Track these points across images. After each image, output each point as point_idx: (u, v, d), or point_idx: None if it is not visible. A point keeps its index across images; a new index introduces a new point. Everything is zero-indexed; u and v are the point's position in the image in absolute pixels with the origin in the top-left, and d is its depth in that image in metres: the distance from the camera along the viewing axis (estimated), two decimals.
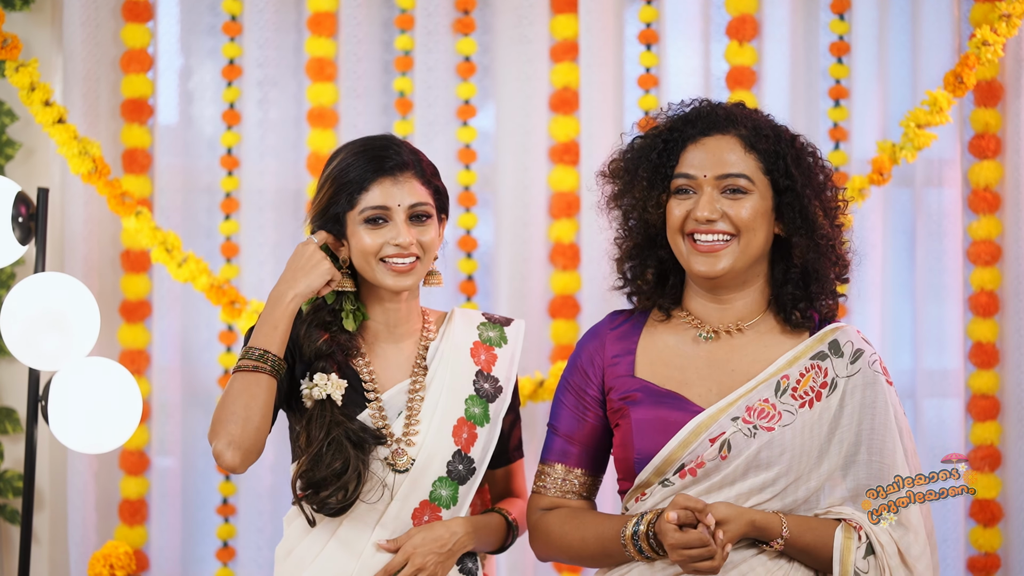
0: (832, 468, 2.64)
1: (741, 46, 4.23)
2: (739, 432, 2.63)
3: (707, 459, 2.64)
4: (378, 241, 2.78)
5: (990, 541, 4.21)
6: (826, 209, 2.72)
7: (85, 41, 4.26)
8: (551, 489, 2.83)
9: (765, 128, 2.72)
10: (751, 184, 2.69)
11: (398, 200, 2.79)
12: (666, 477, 2.67)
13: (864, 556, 2.58)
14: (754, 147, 2.70)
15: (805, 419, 2.64)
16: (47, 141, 4.25)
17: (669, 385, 2.72)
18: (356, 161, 2.80)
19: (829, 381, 2.67)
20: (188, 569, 4.37)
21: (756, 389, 2.67)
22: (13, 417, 4.29)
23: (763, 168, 2.70)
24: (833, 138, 4.24)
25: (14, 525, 4.26)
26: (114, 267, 4.33)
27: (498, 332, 2.95)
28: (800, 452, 2.62)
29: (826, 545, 2.60)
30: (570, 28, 4.26)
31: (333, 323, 2.85)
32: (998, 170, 4.22)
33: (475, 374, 2.89)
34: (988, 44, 3.98)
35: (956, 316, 4.25)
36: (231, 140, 4.32)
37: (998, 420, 4.23)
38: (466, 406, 2.87)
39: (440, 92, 4.29)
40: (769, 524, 2.60)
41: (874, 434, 2.64)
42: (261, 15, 4.30)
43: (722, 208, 2.68)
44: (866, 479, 2.63)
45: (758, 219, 2.69)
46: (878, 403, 2.66)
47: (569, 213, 4.24)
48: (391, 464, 2.82)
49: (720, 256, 2.69)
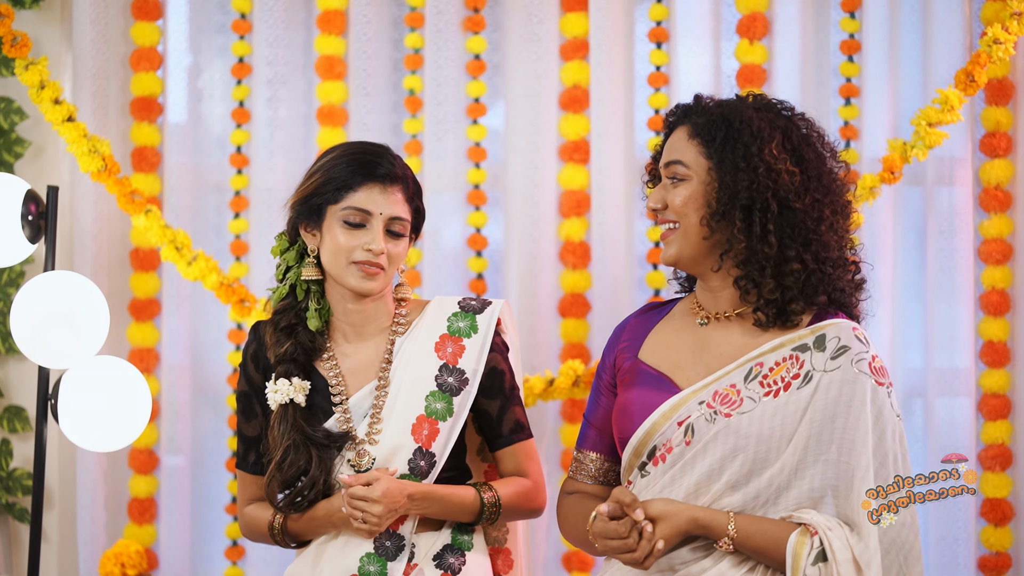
0: (795, 459, 2.60)
1: (752, 44, 4.22)
2: (702, 417, 2.64)
3: (674, 443, 2.65)
4: (352, 243, 2.83)
5: (1001, 540, 4.20)
6: (765, 189, 2.64)
7: (95, 39, 4.26)
8: (581, 475, 2.87)
9: (717, 116, 2.71)
10: (686, 170, 2.70)
11: (381, 208, 2.83)
12: (643, 461, 2.69)
13: (814, 563, 2.56)
14: (698, 133, 2.71)
15: (767, 408, 2.62)
16: (56, 139, 4.25)
17: (663, 367, 2.74)
18: (351, 160, 2.85)
19: (803, 373, 2.64)
20: (197, 567, 4.37)
21: (729, 374, 2.66)
22: (22, 415, 4.29)
23: (704, 152, 2.70)
24: (844, 136, 4.23)
25: (23, 523, 4.26)
26: (123, 265, 4.33)
27: (469, 322, 2.95)
28: (759, 439, 2.60)
29: (778, 548, 2.57)
30: (580, 26, 4.26)
31: (298, 324, 2.90)
32: (1009, 168, 4.21)
33: (439, 368, 2.90)
34: (999, 42, 3.97)
35: (967, 315, 4.24)
36: (240, 138, 4.31)
37: (1009, 419, 4.22)
38: (427, 403, 2.88)
39: (450, 90, 4.29)
40: (714, 521, 2.58)
41: (845, 433, 2.60)
42: (271, 13, 4.30)
43: (666, 196, 2.73)
44: (833, 479, 2.59)
45: (688, 204, 2.69)
46: (855, 402, 2.61)
47: (579, 211, 4.24)
48: (354, 465, 2.86)
49: (668, 243, 2.74)
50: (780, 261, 2.66)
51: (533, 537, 4.18)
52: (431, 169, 4.29)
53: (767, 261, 2.65)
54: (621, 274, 4.21)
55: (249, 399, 2.95)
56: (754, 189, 2.64)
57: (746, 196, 2.64)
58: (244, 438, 2.97)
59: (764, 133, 2.67)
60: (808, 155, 2.70)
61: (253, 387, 2.94)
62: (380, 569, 2.82)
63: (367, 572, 2.82)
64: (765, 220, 2.65)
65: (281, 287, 2.93)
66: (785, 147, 2.68)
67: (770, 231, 2.64)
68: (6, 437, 4.30)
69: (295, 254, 2.92)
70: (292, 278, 2.91)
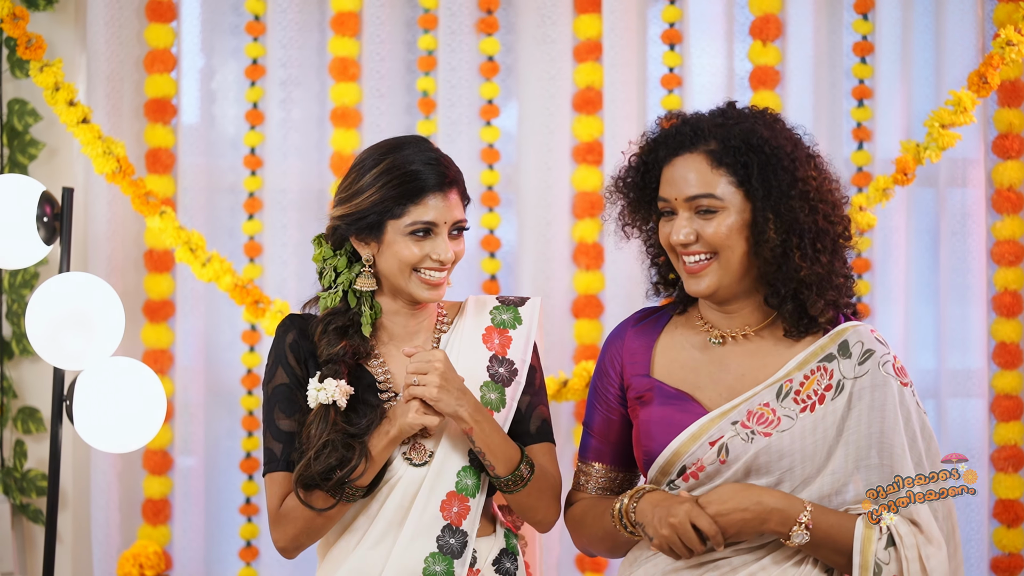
0: (841, 469, 2.61)
1: (764, 46, 4.23)
2: (737, 437, 2.62)
3: (707, 463, 2.64)
4: (421, 254, 2.80)
5: (1013, 541, 4.21)
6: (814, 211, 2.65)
7: (109, 41, 4.27)
8: (589, 487, 2.86)
9: (735, 139, 2.65)
10: (719, 202, 2.64)
11: (446, 217, 2.81)
12: (671, 478, 2.68)
13: (886, 547, 2.56)
14: (722, 162, 2.65)
15: (806, 423, 2.62)
16: (71, 141, 4.26)
17: (682, 386, 2.73)
18: (406, 175, 2.79)
19: (835, 383, 2.64)
20: (211, 568, 4.38)
21: (759, 394, 2.65)
22: (37, 417, 4.30)
23: (735, 182, 2.64)
24: (857, 138, 4.23)
25: (38, 525, 4.27)
26: (138, 267, 4.34)
27: (512, 314, 2.95)
28: (802, 456, 2.61)
29: (843, 534, 2.57)
30: (593, 28, 4.26)
31: (351, 327, 2.86)
32: (1022, 170, 4.22)
33: (489, 359, 2.90)
34: (1012, 44, 3.98)
35: (980, 316, 4.25)
36: (254, 140, 4.32)
37: (1022, 420, 4.23)
38: (481, 393, 2.87)
39: (463, 92, 4.29)
40: (790, 506, 2.56)
41: (884, 437, 2.61)
42: (284, 15, 4.30)
43: (697, 228, 2.65)
44: (878, 481, 2.61)
45: (732, 236, 2.64)
46: (888, 405, 2.62)
47: (592, 213, 4.24)
48: (408, 459, 2.82)
49: (702, 276, 2.67)
50: (824, 279, 2.66)
51: (546, 539, 4.18)
52: None
53: (815, 280, 2.65)
54: (634, 275, 4.21)
55: (291, 391, 2.85)
56: (804, 214, 2.62)
57: (799, 222, 2.62)
58: (281, 435, 2.84)
59: (796, 154, 2.65)
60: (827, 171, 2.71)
61: (294, 379, 2.85)
62: (447, 568, 2.79)
63: (433, 572, 2.79)
64: (816, 241, 2.64)
65: (333, 294, 2.87)
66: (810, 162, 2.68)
67: (820, 251, 2.64)
68: (21, 438, 4.31)
69: (344, 260, 2.88)
70: (344, 284, 2.87)
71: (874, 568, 2.55)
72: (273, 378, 2.87)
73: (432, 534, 2.80)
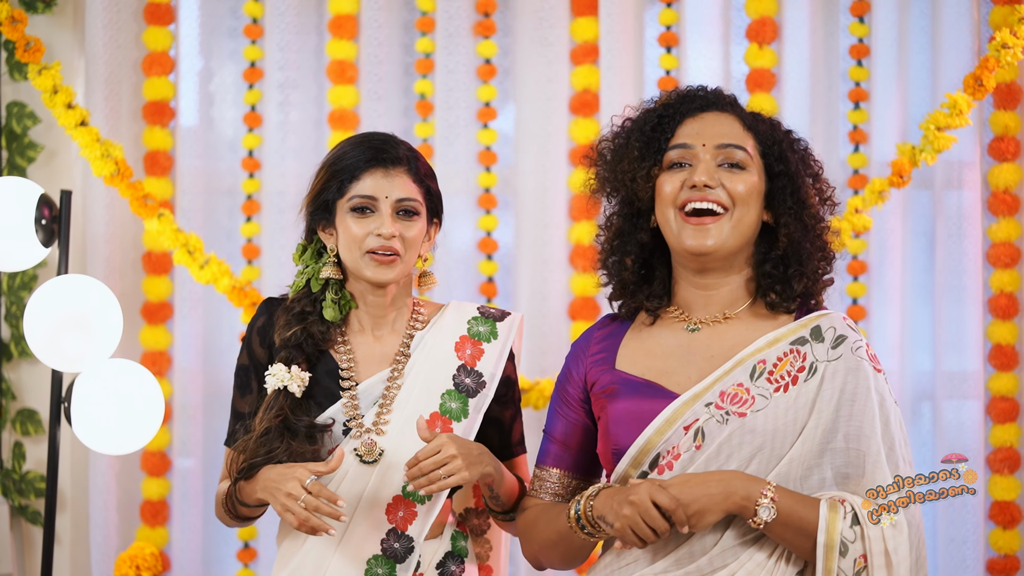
0: (810, 449, 2.58)
1: (761, 49, 4.24)
2: (712, 419, 2.58)
3: (682, 449, 2.59)
4: (363, 231, 2.79)
5: (1009, 543, 4.22)
6: (820, 196, 2.70)
7: (107, 44, 4.28)
8: (542, 492, 2.79)
9: (758, 117, 2.71)
10: (749, 159, 2.65)
11: (386, 192, 2.80)
12: (643, 470, 2.62)
13: (851, 525, 2.54)
14: (752, 128, 2.68)
15: (779, 404, 2.58)
16: (69, 143, 4.27)
17: (648, 375, 2.68)
18: (351, 151, 2.82)
19: (807, 365, 2.61)
20: (209, 570, 4.39)
21: (731, 373, 2.61)
22: (35, 418, 4.31)
23: (760, 150, 2.67)
24: (853, 140, 4.24)
25: (36, 526, 4.28)
26: (136, 269, 4.35)
27: (489, 327, 2.93)
28: (773, 435, 2.56)
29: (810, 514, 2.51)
30: (590, 31, 4.27)
31: (312, 313, 2.86)
32: (1017, 172, 4.23)
33: (457, 368, 2.87)
34: (1008, 47, 3.99)
35: (975, 318, 4.26)
36: (252, 142, 4.33)
37: (1017, 422, 4.24)
38: (442, 400, 2.84)
39: (461, 94, 4.30)
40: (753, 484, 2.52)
41: (852, 421, 2.58)
42: (282, 18, 4.31)
43: (720, 179, 2.64)
44: (843, 466, 2.58)
45: (753, 196, 2.64)
46: (859, 390, 2.59)
47: (589, 215, 4.25)
48: (359, 455, 2.79)
49: (710, 231, 2.63)
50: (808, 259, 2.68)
51: None
52: (442, 173, 4.23)
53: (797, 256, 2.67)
54: None
55: (247, 373, 2.88)
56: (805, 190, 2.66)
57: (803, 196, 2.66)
58: (236, 414, 2.87)
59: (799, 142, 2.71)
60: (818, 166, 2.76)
61: (254, 361, 2.87)
62: (389, 571, 2.76)
63: (375, 574, 2.76)
64: (813, 220, 2.67)
65: (297, 281, 2.89)
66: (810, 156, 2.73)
67: (815, 231, 2.67)
68: (19, 440, 4.32)
69: (311, 253, 2.90)
70: (309, 273, 2.88)
71: (840, 547, 2.53)
72: (239, 357, 2.90)
73: (377, 536, 2.77)
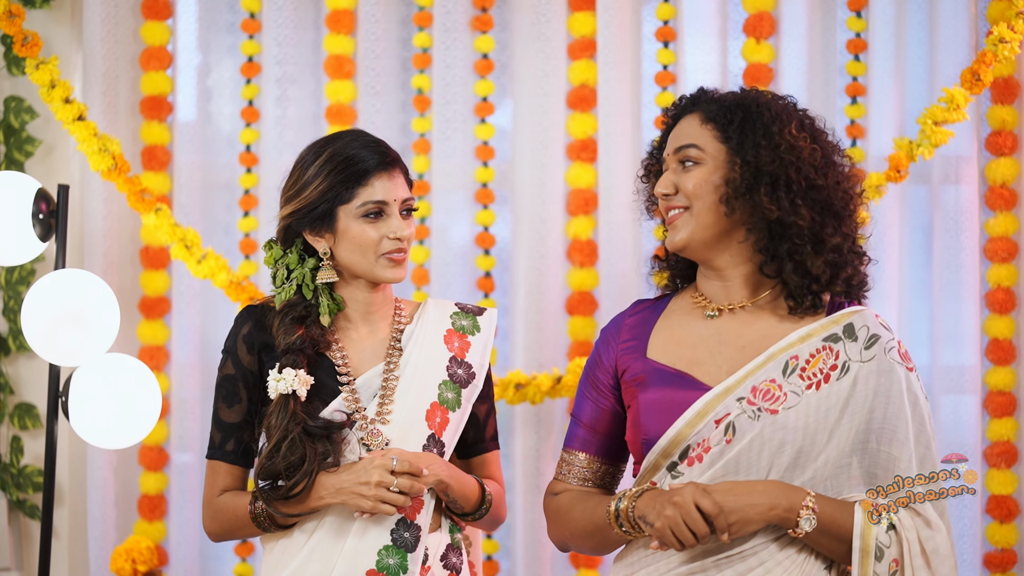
0: (841, 450, 2.58)
1: (758, 43, 4.24)
2: (744, 414, 2.59)
3: (712, 443, 2.60)
4: (377, 235, 2.82)
5: (1006, 537, 4.22)
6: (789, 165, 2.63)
7: (105, 38, 4.28)
8: (570, 476, 2.81)
9: (731, 103, 2.70)
10: (701, 153, 2.67)
11: (394, 195, 2.84)
12: (673, 461, 2.63)
13: (887, 531, 2.55)
14: (711, 119, 2.69)
15: (811, 401, 2.59)
16: (67, 138, 4.27)
17: (679, 365, 2.69)
18: (349, 159, 2.83)
19: (840, 364, 2.61)
20: (207, 564, 4.39)
21: (764, 368, 2.62)
22: (33, 413, 4.31)
23: (720, 136, 2.67)
24: (850, 135, 4.24)
25: (34, 520, 4.29)
26: (133, 264, 4.35)
27: (471, 321, 2.98)
28: (804, 433, 2.57)
29: (846, 520, 2.54)
30: (588, 25, 4.27)
31: (308, 317, 2.87)
32: (1015, 167, 4.23)
33: (449, 359, 2.91)
34: (1005, 41, 3.99)
35: (973, 313, 4.26)
36: (250, 137, 4.34)
37: (1015, 416, 4.24)
38: (439, 391, 2.88)
39: (458, 89, 4.30)
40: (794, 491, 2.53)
41: (885, 423, 2.58)
42: (280, 12, 4.31)
43: (677, 181, 2.69)
44: (872, 466, 2.58)
45: (705, 188, 2.66)
46: (893, 392, 2.60)
47: (587, 210, 4.25)
48: (365, 444, 2.82)
49: (676, 228, 2.70)
50: (817, 236, 2.64)
51: (539, 535, 4.19)
52: (439, 168, 4.30)
53: (803, 235, 2.63)
54: (628, 272, 4.22)
55: (234, 383, 2.89)
56: (777, 164, 2.62)
57: (770, 170, 2.62)
58: (222, 425, 2.88)
59: (782, 115, 2.66)
60: (822, 140, 2.70)
61: (242, 370, 2.88)
62: (401, 561, 2.78)
63: (386, 565, 2.78)
64: (792, 194, 2.62)
65: (288, 288, 2.88)
66: (803, 128, 2.68)
67: (799, 204, 2.62)
68: (17, 434, 4.32)
69: (295, 257, 2.90)
70: (299, 278, 2.88)
71: (876, 551, 2.53)
72: (223, 368, 2.91)
73: (387, 526, 2.79)
